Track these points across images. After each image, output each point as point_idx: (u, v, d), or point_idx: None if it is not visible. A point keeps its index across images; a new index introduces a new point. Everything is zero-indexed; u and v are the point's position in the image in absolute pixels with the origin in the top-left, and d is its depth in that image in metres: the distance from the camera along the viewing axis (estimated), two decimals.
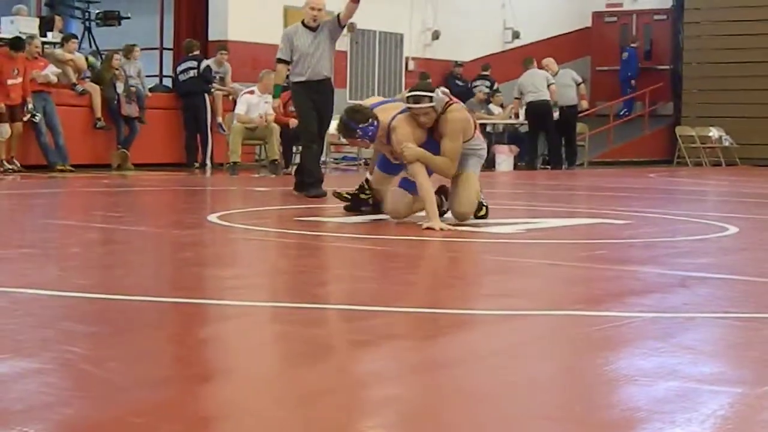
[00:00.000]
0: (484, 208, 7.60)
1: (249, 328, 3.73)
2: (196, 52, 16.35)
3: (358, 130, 7.18)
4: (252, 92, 14.97)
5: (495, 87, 20.27)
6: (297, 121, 10.98)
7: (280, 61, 10.14)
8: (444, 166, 7.16)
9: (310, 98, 9.89)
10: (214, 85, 16.35)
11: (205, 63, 16.21)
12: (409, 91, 7.26)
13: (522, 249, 6.36)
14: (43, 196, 10.79)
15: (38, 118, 14.34)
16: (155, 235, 6.81)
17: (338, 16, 9.92)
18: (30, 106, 14.26)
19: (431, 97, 7.13)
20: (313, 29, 9.93)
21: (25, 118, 14.21)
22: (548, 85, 18.44)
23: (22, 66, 14.17)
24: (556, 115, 18.57)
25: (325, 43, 9.96)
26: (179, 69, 16.52)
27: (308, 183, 10.07)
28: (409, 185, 7.26)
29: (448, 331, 3.67)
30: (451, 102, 7.24)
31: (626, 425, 2.44)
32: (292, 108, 14.84)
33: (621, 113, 24.26)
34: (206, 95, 16.13)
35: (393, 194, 7.43)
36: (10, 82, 13.98)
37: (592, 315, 3.92)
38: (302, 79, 9.95)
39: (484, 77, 20.54)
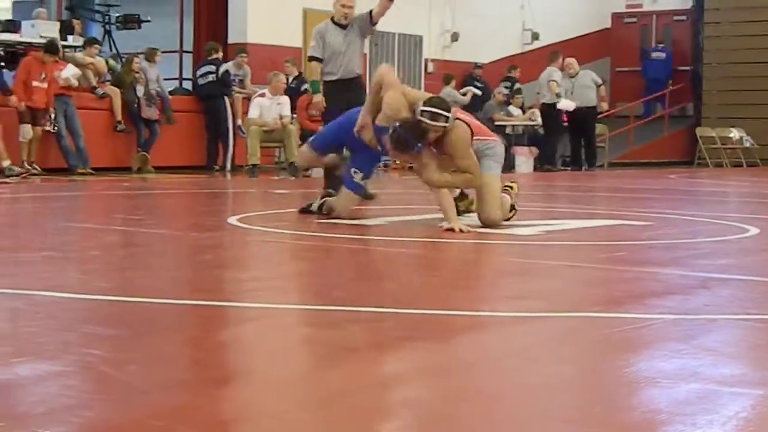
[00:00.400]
0: (514, 210, 7.58)
1: (268, 330, 3.73)
2: (216, 56, 16.38)
3: (415, 147, 7.12)
4: (263, 95, 14.99)
5: (516, 88, 20.24)
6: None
7: (313, 58, 9.93)
8: (469, 182, 7.22)
9: (343, 97, 9.57)
10: (234, 88, 16.38)
11: (224, 67, 16.24)
12: (427, 105, 7.12)
13: (541, 251, 6.35)
14: (63, 199, 10.83)
15: (57, 128, 14.40)
16: (175, 238, 6.82)
17: (370, 12, 9.82)
18: (53, 116, 14.33)
19: (447, 117, 7.09)
20: (343, 26, 9.78)
21: (46, 127, 14.28)
22: (548, 82, 18.56)
23: (50, 71, 14.25)
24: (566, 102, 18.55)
25: (356, 40, 9.82)
26: (199, 73, 16.57)
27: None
28: (363, 165, 7.53)
29: (467, 332, 3.66)
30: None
31: (647, 427, 2.43)
32: (313, 112, 14.88)
33: (647, 113, 24.20)
34: (226, 98, 16.16)
35: (348, 197, 7.68)
36: (35, 84, 14.05)
37: (612, 317, 3.91)
38: (334, 77, 9.75)
39: (509, 78, 20.51)
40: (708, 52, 24.09)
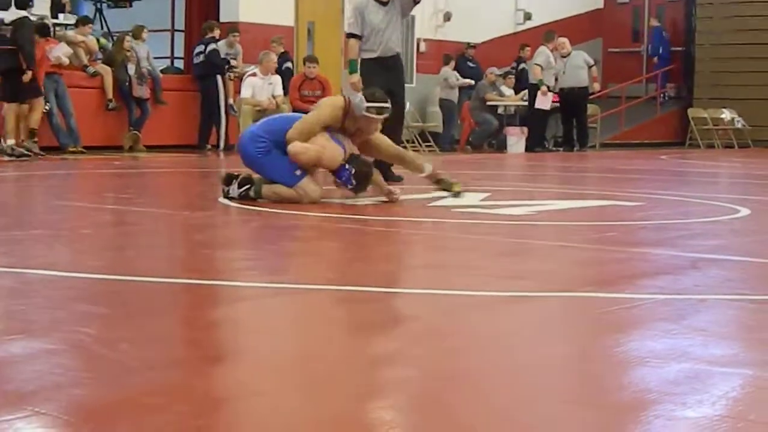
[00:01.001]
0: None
1: (261, 309, 3.73)
2: (211, 35, 16.31)
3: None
4: (255, 74, 14.95)
5: (521, 68, 20.23)
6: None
7: (351, 35, 9.77)
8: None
9: (382, 76, 9.43)
10: (233, 66, 16.32)
11: (211, 46, 16.18)
12: (370, 102, 7.43)
13: (532, 231, 6.36)
14: (54, 177, 10.81)
15: (48, 107, 14.35)
16: (167, 217, 6.82)
17: None
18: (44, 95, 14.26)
19: (388, 106, 7.62)
20: (384, 3, 9.60)
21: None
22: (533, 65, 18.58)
23: (41, 52, 14.17)
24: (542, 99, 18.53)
25: (397, 18, 9.66)
26: (194, 52, 16.54)
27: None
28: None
29: (458, 312, 3.66)
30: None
31: (637, 407, 2.44)
32: (306, 92, 14.85)
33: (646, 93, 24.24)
34: (218, 77, 16.11)
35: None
36: None
37: (603, 297, 3.92)
38: (374, 55, 9.60)
39: (520, 59, 20.46)
40: (701, 33, 24.07)
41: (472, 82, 19.51)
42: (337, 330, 3.40)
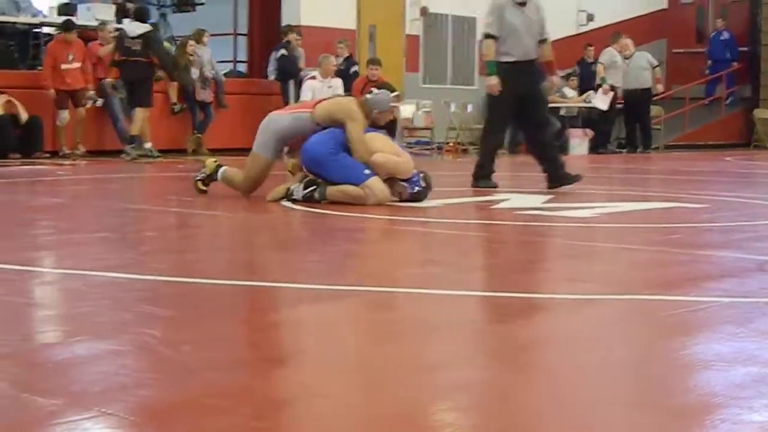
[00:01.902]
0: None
1: (321, 311, 3.74)
2: (286, 39, 16.35)
3: None
4: (314, 78, 14.97)
5: (572, 71, 20.09)
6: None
7: (489, 36, 9.35)
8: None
9: (518, 81, 9.11)
10: (305, 71, 16.42)
11: (280, 52, 16.26)
12: (388, 89, 7.76)
13: (596, 233, 6.31)
14: (119, 181, 10.92)
15: (100, 103, 14.50)
16: (229, 219, 6.86)
17: None
18: (91, 92, 14.42)
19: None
20: (522, 4, 9.27)
21: (86, 105, 14.39)
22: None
23: (80, 51, 14.31)
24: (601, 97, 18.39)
25: (536, 20, 9.36)
26: (272, 57, 16.66)
27: (478, 175, 9.31)
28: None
29: (522, 315, 3.65)
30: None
31: (703, 410, 2.41)
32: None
33: (710, 93, 23.94)
34: (290, 82, 16.17)
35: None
36: (64, 67, 14.12)
37: (667, 299, 3.88)
38: (511, 59, 9.22)
39: (585, 61, 20.32)
40: (766, 34, 23.75)
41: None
42: (399, 331, 3.40)
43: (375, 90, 7.76)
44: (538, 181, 9.19)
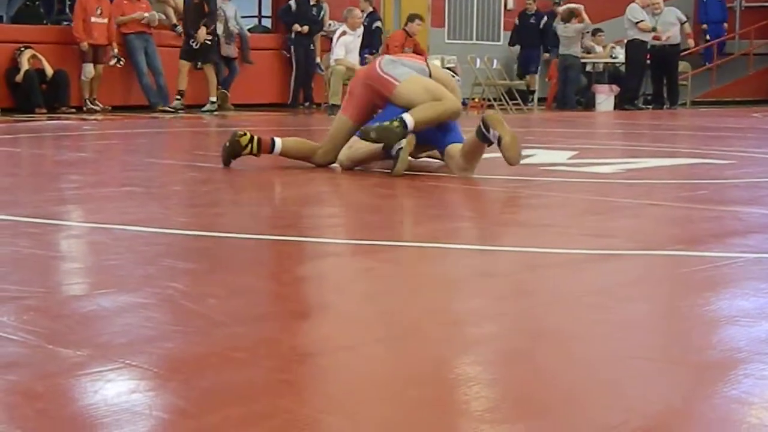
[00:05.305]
0: None
1: (346, 265, 3.75)
2: None
3: None
4: (345, 33, 14.90)
5: (593, 29, 19.94)
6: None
7: None
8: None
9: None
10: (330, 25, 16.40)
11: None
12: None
13: (622, 189, 6.29)
14: (144, 135, 10.94)
15: (122, 63, 14.53)
16: (254, 174, 6.86)
17: None
18: (115, 50, 14.45)
19: None
20: None
21: (111, 62, 14.42)
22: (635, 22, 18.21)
23: (107, 7, 14.34)
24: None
25: None
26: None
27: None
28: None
29: (544, 270, 3.64)
30: None
31: (726, 366, 2.41)
32: (408, 50, 14.86)
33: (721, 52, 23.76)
34: (311, 36, 16.17)
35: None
36: (93, 20, 14.17)
37: (692, 255, 3.86)
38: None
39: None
40: None
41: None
42: (422, 286, 3.40)
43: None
44: (565, 136, 9.14)
